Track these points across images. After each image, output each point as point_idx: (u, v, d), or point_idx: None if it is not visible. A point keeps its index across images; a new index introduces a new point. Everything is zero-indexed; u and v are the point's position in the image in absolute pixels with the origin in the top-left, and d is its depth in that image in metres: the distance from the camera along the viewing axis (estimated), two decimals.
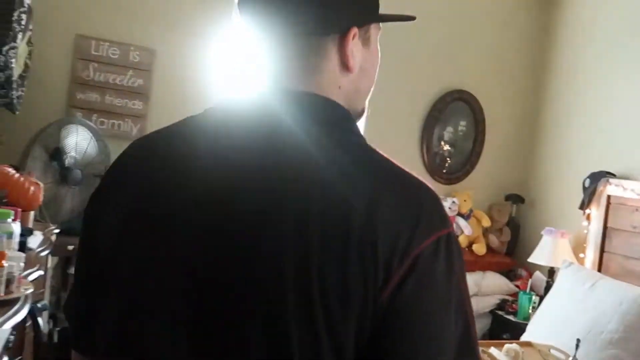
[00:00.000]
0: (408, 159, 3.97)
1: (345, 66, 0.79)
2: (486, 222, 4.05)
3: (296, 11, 0.76)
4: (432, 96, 4.01)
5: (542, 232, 3.68)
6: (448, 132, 4.14)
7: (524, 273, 4.02)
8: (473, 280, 3.83)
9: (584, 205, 3.54)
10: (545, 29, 4.23)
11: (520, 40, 4.26)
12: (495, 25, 4.16)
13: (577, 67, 3.92)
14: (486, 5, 4.12)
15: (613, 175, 3.43)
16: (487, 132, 4.19)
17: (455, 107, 4.11)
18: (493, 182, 4.25)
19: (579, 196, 3.59)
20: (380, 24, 0.85)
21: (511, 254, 4.17)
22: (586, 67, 3.84)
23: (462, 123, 4.17)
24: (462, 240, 3.95)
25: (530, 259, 3.68)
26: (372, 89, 0.87)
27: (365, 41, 0.81)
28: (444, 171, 4.13)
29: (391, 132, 3.85)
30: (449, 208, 3.93)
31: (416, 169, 3.63)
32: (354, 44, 0.78)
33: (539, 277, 3.86)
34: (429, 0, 3.75)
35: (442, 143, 4.13)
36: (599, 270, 3.41)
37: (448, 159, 4.16)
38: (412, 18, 0.89)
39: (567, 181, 3.84)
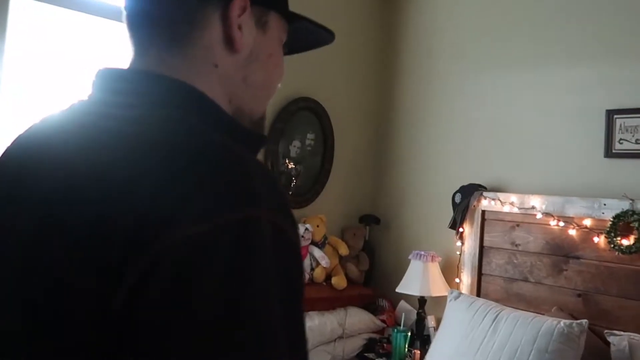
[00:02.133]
0: None
1: (229, 40, 0.69)
2: (344, 250, 3.48)
3: None
4: (275, 105, 3.35)
5: (409, 257, 3.23)
6: (295, 147, 3.51)
7: (386, 304, 3.53)
8: (336, 320, 3.23)
9: (455, 224, 3.15)
10: (392, 32, 3.86)
11: (367, 45, 3.83)
12: (341, 26, 3.65)
13: (431, 74, 3.58)
14: (332, 6, 3.59)
15: (485, 188, 3.11)
16: (337, 147, 3.65)
17: (301, 117, 3.50)
18: (345, 203, 3.72)
19: (448, 214, 3.21)
20: (287, 27, 0.78)
21: (369, 284, 3.66)
22: (441, 74, 3.51)
23: (310, 136, 3.57)
24: (320, 274, 3.33)
25: (399, 289, 3.19)
26: (272, 90, 0.78)
27: (262, 25, 0.73)
28: (291, 193, 3.49)
29: None
30: (302, 236, 3.29)
31: None
32: (244, 20, 0.70)
33: (405, 308, 3.39)
34: None
35: (288, 161, 3.48)
36: (478, 295, 3.04)
37: (294, 178, 3.52)
38: (330, 33, 0.84)
39: (431, 198, 3.45)
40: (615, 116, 2.70)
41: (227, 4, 0.68)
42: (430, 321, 3.23)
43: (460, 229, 3.13)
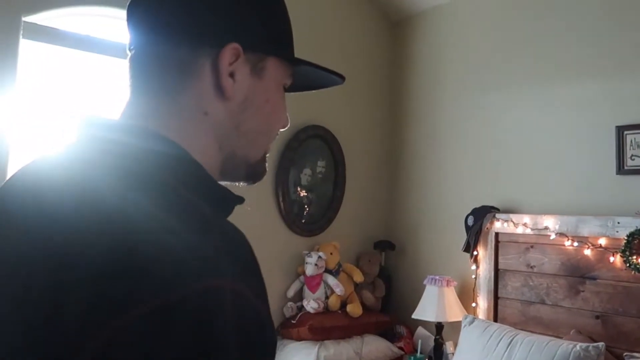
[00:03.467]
0: (262, 209, 3.27)
1: (219, 88, 0.68)
2: (358, 277, 3.45)
3: (161, 18, 0.69)
4: (284, 134, 3.37)
5: (424, 282, 3.19)
6: (306, 175, 3.52)
7: (403, 331, 3.48)
8: (352, 348, 3.19)
9: (469, 247, 3.10)
10: (400, 57, 3.88)
11: (375, 71, 3.85)
12: (349, 53, 3.69)
13: (440, 97, 3.57)
14: (339, 34, 3.63)
15: (497, 210, 3.06)
16: (348, 173, 3.65)
17: (311, 145, 3.51)
18: (359, 229, 3.70)
19: (462, 236, 3.17)
20: (291, 70, 0.77)
21: (386, 310, 3.62)
22: (451, 97, 3.50)
23: (320, 164, 3.58)
24: (334, 302, 3.30)
25: (415, 315, 3.14)
26: (270, 135, 0.76)
27: (258, 71, 0.72)
28: (303, 221, 3.49)
29: None
30: (316, 265, 3.28)
31: (273, 221, 2.95)
32: (237, 68, 0.69)
33: (423, 335, 3.34)
34: None
35: (299, 189, 3.49)
36: (495, 319, 2.98)
37: (307, 206, 3.52)
38: (340, 77, 0.82)
39: (444, 221, 3.42)
40: (625, 132, 2.65)
41: (217, 53, 0.68)
42: (449, 347, 3.16)
43: (475, 252, 3.08)
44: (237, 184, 0.81)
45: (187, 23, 0.68)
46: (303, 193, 3.51)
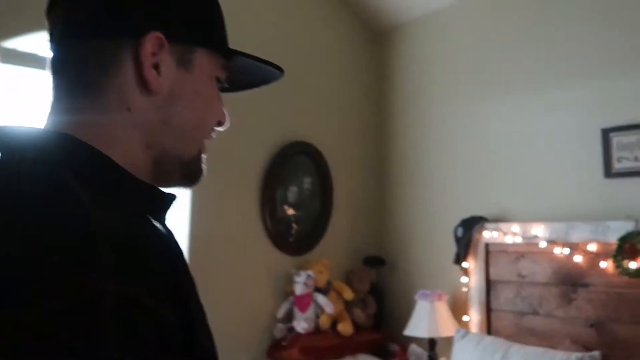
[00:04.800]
0: (249, 229, 3.21)
1: (142, 81, 0.64)
2: (349, 295, 3.38)
3: (76, 8, 0.64)
4: (270, 151, 3.33)
5: (416, 297, 3.11)
6: (292, 193, 3.47)
7: (396, 348, 3.39)
8: None
9: (459, 259, 3.04)
10: (385, 71, 3.86)
11: (360, 85, 3.82)
12: (333, 68, 3.66)
13: (425, 109, 3.55)
14: (323, 49, 3.62)
15: (486, 220, 3.00)
16: (335, 189, 3.60)
17: (297, 161, 3.47)
18: (348, 246, 3.64)
19: (452, 249, 3.10)
20: (225, 62, 0.73)
21: (378, 328, 3.53)
22: (435, 108, 3.47)
23: (307, 180, 3.53)
24: (325, 321, 3.22)
25: (407, 332, 3.06)
26: (204, 130, 0.73)
27: (185, 62, 0.68)
28: (291, 239, 3.42)
29: (226, 198, 3.08)
30: (305, 284, 3.20)
31: (260, 241, 2.89)
32: (161, 59, 0.65)
33: (417, 352, 3.25)
34: (265, 41, 3.10)
35: (286, 206, 3.44)
36: (488, 332, 2.90)
37: (294, 224, 3.46)
38: (279, 69, 0.78)
39: (433, 234, 3.36)
40: (611, 134, 2.61)
41: (138, 42, 0.64)
42: None
43: (465, 264, 3.02)
44: (174, 187, 0.75)
45: (105, 13, 0.64)
46: (290, 211, 3.45)
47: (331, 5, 3.70)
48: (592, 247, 2.53)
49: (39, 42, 2.68)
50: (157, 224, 0.64)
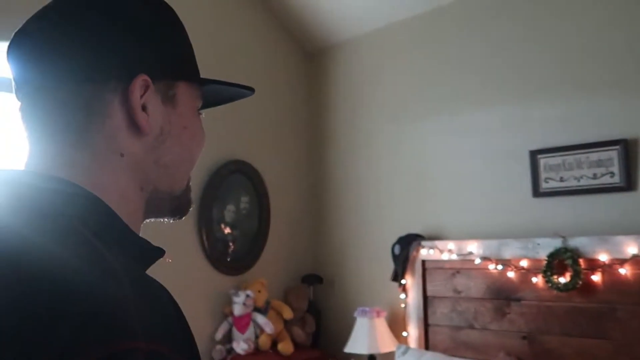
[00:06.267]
0: (185, 249, 3.15)
1: (133, 124, 0.64)
2: (288, 314, 3.37)
3: (55, 54, 0.62)
4: (206, 170, 3.29)
5: (355, 314, 3.16)
6: (229, 212, 3.44)
7: None
8: None
9: (397, 276, 3.12)
10: (318, 90, 3.90)
11: (295, 104, 3.85)
12: (267, 87, 3.67)
13: (358, 129, 3.62)
14: (258, 69, 3.61)
15: (422, 237, 3.10)
16: (272, 208, 3.60)
17: (233, 180, 3.44)
18: (286, 265, 3.64)
19: (389, 266, 3.17)
20: (200, 91, 0.73)
21: (318, 346, 3.55)
22: (369, 128, 3.55)
23: (244, 199, 3.51)
24: (265, 342, 3.20)
25: (347, 349, 3.10)
26: (192, 162, 0.73)
27: (169, 99, 0.68)
28: (229, 259, 3.39)
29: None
30: (244, 304, 3.18)
31: (196, 261, 2.84)
32: (148, 99, 0.64)
33: None
34: (198, 60, 3.06)
35: (223, 226, 3.40)
36: (426, 347, 2.99)
37: (232, 243, 3.43)
38: (249, 89, 0.80)
39: (370, 251, 3.42)
40: (538, 156, 2.77)
41: (126, 87, 0.63)
42: None
43: (403, 281, 3.10)
44: (162, 220, 0.76)
45: (87, 57, 0.63)
46: (227, 230, 3.42)
47: (265, 25, 3.72)
48: (524, 263, 2.67)
49: None
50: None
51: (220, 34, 3.42)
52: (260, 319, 3.23)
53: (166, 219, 0.75)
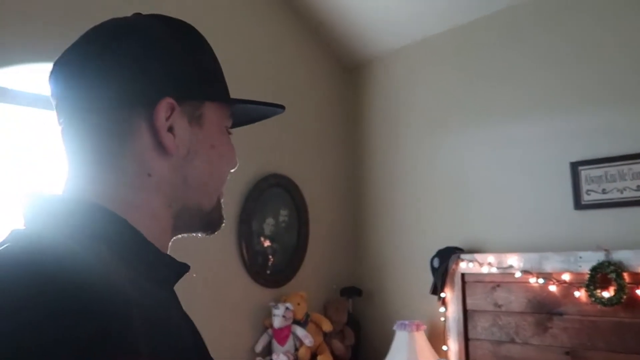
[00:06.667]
0: (225, 262, 3.20)
1: (160, 145, 0.67)
2: (327, 327, 3.39)
3: (86, 81, 0.66)
4: (246, 184, 3.34)
5: (394, 327, 3.15)
6: (269, 225, 3.48)
7: None
8: None
9: (436, 289, 3.10)
10: (359, 102, 3.93)
11: (334, 117, 3.88)
12: (307, 100, 3.72)
13: (400, 140, 3.62)
14: (298, 84, 3.67)
15: (462, 250, 3.08)
16: (311, 221, 3.63)
17: (273, 194, 3.49)
18: (325, 277, 3.66)
19: (428, 279, 3.16)
20: (230, 110, 0.76)
21: (356, 358, 3.55)
22: (409, 139, 3.56)
23: (283, 212, 3.55)
24: (304, 354, 3.22)
25: None
26: (221, 180, 0.75)
27: (196, 119, 0.70)
28: (268, 272, 3.43)
29: None
30: (283, 316, 3.21)
31: (237, 274, 2.88)
32: (175, 120, 0.68)
33: None
34: (239, 75, 3.13)
35: (263, 239, 3.45)
36: None
37: (271, 256, 3.47)
38: (280, 106, 0.81)
39: (409, 264, 3.41)
40: (579, 168, 2.72)
41: (152, 110, 0.67)
42: None
43: (442, 294, 3.08)
44: (194, 235, 0.78)
45: (116, 85, 0.66)
46: (267, 243, 3.46)
47: (303, 40, 3.77)
48: (566, 277, 2.62)
49: (30, 80, 2.65)
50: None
51: (259, 50, 3.49)
52: (299, 331, 3.25)
53: (198, 234, 0.78)
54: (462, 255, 3.03)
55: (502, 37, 3.12)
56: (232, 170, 0.80)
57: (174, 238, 0.75)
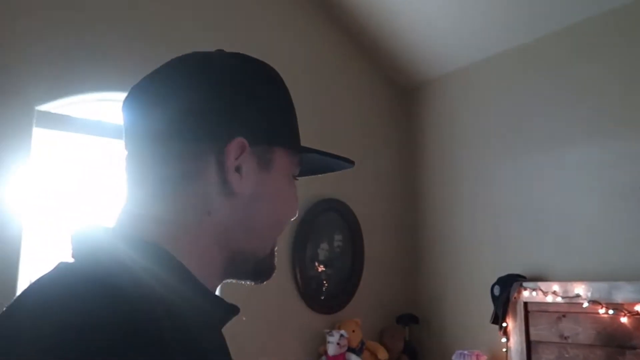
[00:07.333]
0: (279, 288, 3.17)
1: (225, 184, 0.65)
2: (383, 355, 3.30)
3: (159, 111, 0.65)
4: (301, 208, 3.31)
5: (453, 357, 3.04)
6: (323, 250, 3.44)
7: None
8: None
9: (497, 318, 2.97)
10: (414, 126, 3.87)
11: (389, 141, 3.83)
12: (361, 125, 3.68)
13: (457, 163, 3.53)
14: (353, 106, 3.65)
15: (524, 278, 2.94)
16: (366, 246, 3.57)
17: (327, 218, 3.45)
18: (380, 304, 3.58)
19: (489, 308, 3.03)
20: (299, 159, 0.74)
21: None
22: (467, 162, 3.46)
23: (337, 237, 3.50)
24: None
25: None
26: (280, 227, 0.73)
27: (265, 163, 0.69)
28: (322, 298, 3.38)
29: None
30: (338, 344, 3.14)
31: (291, 300, 2.84)
32: (244, 161, 0.66)
33: None
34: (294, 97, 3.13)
35: (317, 264, 3.40)
36: None
37: (325, 282, 3.42)
38: (350, 162, 0.79)
39: (468, 292, 3.29)
40: None
41: (222, 147, 0.65)
42: None
43: (504, 324, 2.95)
44: (243, 282, 0.76)
45: (191, 119, 0.66)
46: (321, 268, 3.42)
47: (360, 63, 3.75)
48: (639, 308, 2.46)
49: (72, 105, 2.72)
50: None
51: (315, 75, 3.49)
52: (354, 359, 3.17)
53: (247, 282, 0.75)
54: (525, 284, 2.90)
55: (572, 54, 2.95)
56: (292, 220, 0.78)
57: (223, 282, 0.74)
